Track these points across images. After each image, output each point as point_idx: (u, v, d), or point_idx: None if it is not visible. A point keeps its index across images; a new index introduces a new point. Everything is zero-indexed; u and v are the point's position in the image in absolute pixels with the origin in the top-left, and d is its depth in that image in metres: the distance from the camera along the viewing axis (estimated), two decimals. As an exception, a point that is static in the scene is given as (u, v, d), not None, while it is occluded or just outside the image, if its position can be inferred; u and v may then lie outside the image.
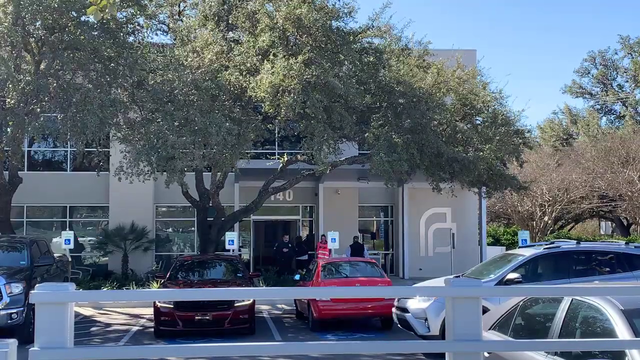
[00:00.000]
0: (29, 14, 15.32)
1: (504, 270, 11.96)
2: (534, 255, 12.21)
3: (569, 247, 12.57)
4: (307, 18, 16.89)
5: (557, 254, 12.33)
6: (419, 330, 11.86)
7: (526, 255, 12.23)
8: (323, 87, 16.41)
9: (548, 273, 12.09)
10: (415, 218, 26.32)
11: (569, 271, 11.95)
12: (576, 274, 11.76)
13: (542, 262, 12.33)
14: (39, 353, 3.58)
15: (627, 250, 12.43)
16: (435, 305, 11.61)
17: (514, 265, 11.94)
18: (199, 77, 16.65)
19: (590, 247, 12.92)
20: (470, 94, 19.77)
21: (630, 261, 12.03)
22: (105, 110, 15.44)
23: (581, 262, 12.23)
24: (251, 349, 4.00)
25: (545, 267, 12.29)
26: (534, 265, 12.19)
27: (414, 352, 10.84)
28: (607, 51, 57.02)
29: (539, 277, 12.02)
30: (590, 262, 12.20)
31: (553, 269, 12.16)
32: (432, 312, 11.64)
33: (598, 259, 12.26)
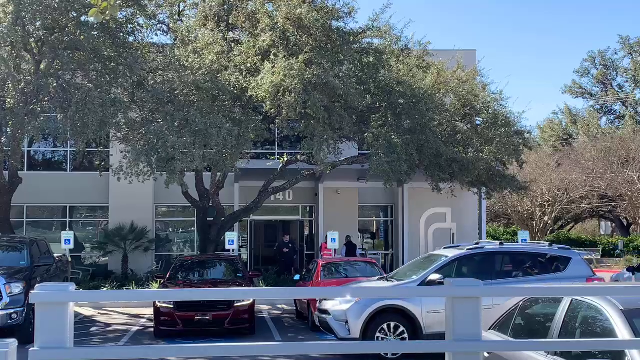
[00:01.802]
0: (29, 14, 15.32)
1: (426, 271, 11.88)
2: (456, 256, 12.10)
3: (492, 248, 12.45)
4: (308, 18, 16.89)
5: (481, 255, 12.23)
6: (339, 333, 11.68)
7: (449, 256, 12.14)
8: (323, 87, 16.41)
9: (471, 274, 11.97)
10: (415, 218, 26.32)
11: (492, 272, 11.86)
12: (499, 275, 11.68)
13: (466, 263, 12.19)
14: (39, 353, 3.58)
15: (550, 251, 12.33)
16: (356, 307, 11.47)
17: (436, 267, 11.85)
18: (200, 78, 16.65)
19: (513, 248, 12.87)
20: (470, 95, 19.77)
21: (553, 262, 12.01)
22: (106, 110, 15.44)
23: (504, 263, 12.12)
24: (251, 349, 4.00)
25: (468, 268, 12.18)
26: (456, 266, 12.05)
27: (413, 352, 10.83)
28: (607, 51, 57.09)
29: (463, 277, 11.88)
30: (513, 263, 12.09)
31: (476, 270, 12.04)
32: (353, 315, 11.49)
33: (521, 260, 12.17)
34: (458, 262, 12.10)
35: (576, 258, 12.12)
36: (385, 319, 11.40)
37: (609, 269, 32.75)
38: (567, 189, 41.08)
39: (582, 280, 11.43)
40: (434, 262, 12.25)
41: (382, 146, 17.40)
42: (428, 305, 11.29)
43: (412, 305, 11.32)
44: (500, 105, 20.48)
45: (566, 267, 11.85)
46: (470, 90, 19.90)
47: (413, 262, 13.97)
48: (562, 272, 11.76)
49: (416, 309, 11.33)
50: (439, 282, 11.33)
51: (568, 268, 11.84)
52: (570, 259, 12.06)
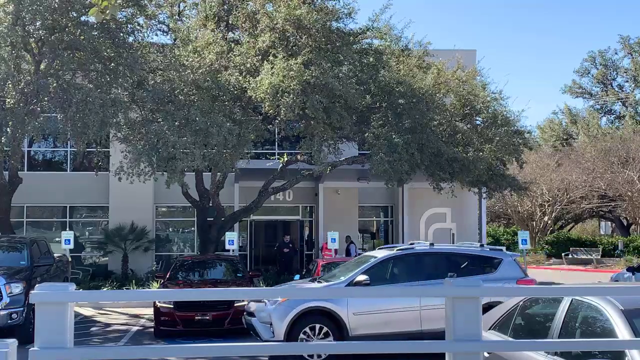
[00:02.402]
0: (29, 14, 15.32)
1: (354, 272, 11.76)
2: (385, 257, 12.01)
3: (422, 249, 12.37)
4: (307, 19, 16.90)
5: (410, 256, 12.14)
6: (263, 335, 11.48)
7: (378, 257, 12.06)
8: (322, 88, 16.41)
9: (401, 275, 11.91)
10: (415, 218, 26.31)
11: (421, 273, 11.75)
12: (429, 276, 11.54)
13: (395, 264, 12.10)
14: (39, 353, 3.58)
15: (481, 252, 12.25)
16: (280, 309, 11.28)
17: (364, 268, 11.73)
18: (200, 77, 16.65)
19: (444, 249, 12.77)
20: (470, 95, 19.78)
21: (484, 263, 11.92)
22: (106, 110, 15.44)
23: (434, 264, 12.01)
24: (251, 349, 4.00)
25: (398, 269, 12.08)
26: (386, 267, 11.94)
27: (413, 352, 10.83)
28: (607, 51, 57.09)
29: (392, 279, 11.82)
30: (443, 264, 11.97)
31: (406, 270, 11.97)
32: (277, 316, 11.28)
33: (452, 261, 12.09)
34: (387, 263, 11.97)
35: (507, 259, 12.02)
36: (310, 320, 11.20)
37: (609, 269, 32.76)
38: (567, 189, 41.08)
39: (512, 281, 11.36)
40: (363, 263, 12.14)
41: (383, 146, 17.40)
42: (354, 307, 11.16)
43: (338, 307, 11.16)
44: (500, 104, 20.50)
45: (497, 268, 11.75)
46: (470, 90, 19.91)
47: (347, 263, 13.79)
48: (492, 273, 11.66)
49: (342, 311, 11.17)
50: (365, 283, 11.22)
51: (499, 269, 11.74)
52: (502, 260, 11.95)
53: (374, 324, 11.16)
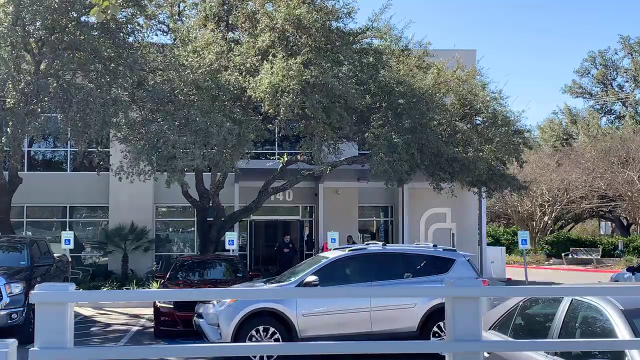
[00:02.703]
0: (29, 14, 15.32)
1: (304, 273, 11.70)
2: (337, 257, 11.94)
3: (374, 250, 12.27)
4: (307, 18, 16.90)
5: (362, 257, 12.06)
6: (211, 337, 11.35)
7: (329, 258, 12.01)
8: (322, 88, 16.42)
9: (353, 275, 11.84)
10: (415, 218, 26.31)
11: (374, 273, 11.67)
12: (381, 276, 11.52)
13: (347, 264, 12.03)
14: (39, 353, 3.58)
15: (434, 253, 12.18)
16: (228, 310, 11.14)
17: (315, 268, 11.68)
18: (200, 77, 16.66)
19: (396, 250, 12.72)
20: (469, 94, 19.78)
21: (436, 264, 11.87)
22: (107, 109, 15.45)
23: (387, 265, 11.92)
24: (251, 349, 4.00)
25: (350, 270, 12.01)
26: (337, 268, 11.85)
27: (412, 352, 10.83)
28: (607, 51, 57.10)
29: (343, 279, 11.74)
30: (396, 265, 11.92)
31: (358, 271, 11.91)
32: (224, 318, 11.15)
33: (404, 261, 12.03)
34: (338, 264, 11.88)
35: (460, 260, 11.96)
36: (259, 322, 11.10)
37: (609, 269, 32.77)
38: (567, 189, 41.09)
39: None
40: (315, 264, 12.08)
41: (383, 146, 17.40)
42: (304, 308, 11.08)
43: (287, 308, 11.07)
44: (500, 104, 20.51)
45: (449, 269, 11.71)
46: (470, 90, 19.91)
47: (302, 264, 13.71)
48: (445, 273, 11.61)
49: (291, 312, 11.08)
50: (314, 284, 11.13)
51: (451, 269, 11.70)
52: (454, 260, 11.91)
53: (324, 325, 11.08)
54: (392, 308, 11.27)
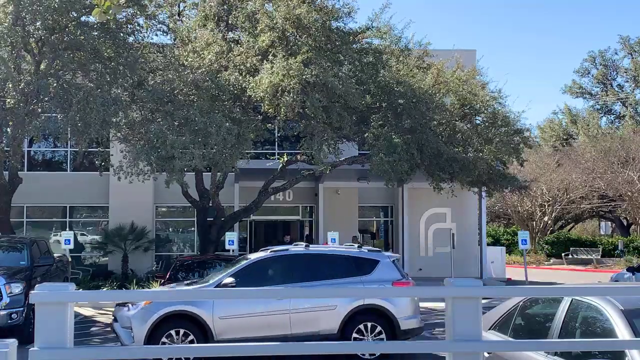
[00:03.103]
0: (29, 14, 15.32)
1: (224, 274, 11.62)
2: (257, 259, 11.89)
3: (296, 251, 12.16)
4: (307, 18, 16.90)
5: (284, 258, 11.96)
6: (124, 340, 11.18)
7: (250, 259, 11.96)
8: (322, 87, 16.42)
9: (275, 277, 11.75)
10: (415, 218, 26.32)
11: (296, 275, 11.54)
12: (303, 277, 11.38)
13: (269, 266, 11.92)
14: (39, 353, 3.58)
15: (359, 254, 12.07)
16: (141, 313, 10.97)
17: (234, 270, 11.59)
18: (199, 77, 16.66)
19: (319, 251, 12.58)
20: (469, 94, 19.79)
21: (360, 265, 11.77)
22: (107, 109, 15.45)
23: (309, 266, 11.79)
24: (251, 349, 4.00)
25: (272, 271, 11.91)
26: (258, 269, 11.76)
27: (413, 352, 10.83)
28: (607, 51, 57.09)
29: (264, 281, 11.60)
30: (319, 266, 11.81)
31: (280, 272, 11.82)
32: (137, 321, 10.96)
33: (327, 262, 11.93)
34: (259, 265, 11.79)
35: (385, 261, 11.85)
36: (173, 325, 10.91)
37: (609, 269, 32.78)
38: (567, 189, 41.10)
39: (387, 283, 11.28)
40: (235, 264, 12.02)
41: (383, 146, 17.41)
42: (220, 311, 10.93)
43: (202, 311, 10.89)
44: (499, 103, 20.51)
45: (373, 270, 11.61)
46: (470, 90, 19.92)
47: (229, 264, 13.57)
48: (368, 274, 11.53)
49: (207, 315, 10.92)
50: (231, 286, 11.01)
51: (375, 271, 11.60)
52: (378, 261, 11.80)
53: (242, 328, 10.94)
54: (312, 310, 11.15)
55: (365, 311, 11.24)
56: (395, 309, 11.22)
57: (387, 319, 11.21)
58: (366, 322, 11.21)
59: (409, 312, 11.41)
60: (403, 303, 11.30)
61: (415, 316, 11.53)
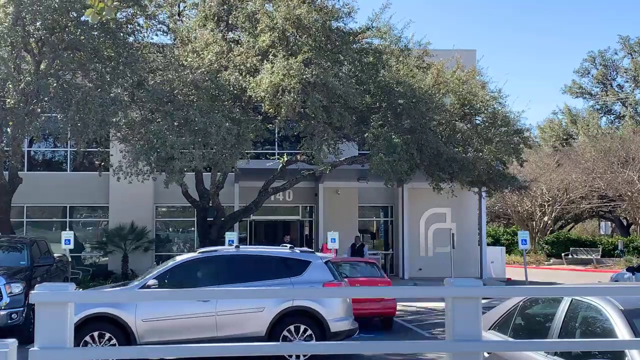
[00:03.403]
0: (29, 14, 15.32)
1: (150, 275, 11.49)
2: (184, 260, 11.75)
3: (225, 252, 12.09)
4: (307, 18, 16.90)
5: (213, 259, 11.82)
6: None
7: (177, 260, 11.83)
8: (322, 87, 16.42)
9: (203, 278, 11.56)
10: (415, 218, 26.32)
11: (225, 276, 11.39)
12: (233, 279, 11.23)
13: (196, 267, 11.74)
14: (39, 353, 3.58)
15: (290, 255, 11.89)
16: None
17: (160, 271, 11.48)
18: (199, 78, 16.66)
19: (249, 252, 12.34)
20: (469, 94, 19.79)
21: (290, 266, 11.62)
22: (106, 109, 15.45)
23: (239, 267, 11.63)
24: (251, 349, 4.00)
25: (201, 272, 11.73)
26: (185, 271, 11.58)
27: (413, 352, 10.83)
28: (607, 51, 57.09)
29: (191, 282, 11.37)
30: (248, 267, 11.64)
31: (208, 274, 11.65)
32: None
33: (257, 264, 11.75)
34: (186, 266, 11.61)
35: (316, 262, 11.69)
36: (95, 327, 10.74)
37: (609, 269, 32.78)
38: (567, 189, 41.11)
39: (319, 284, 11.09)
40: (163, 265, 11.90)
41: (383, 146, 17.41)
42: (143, 313, 10.76)
43: (124, 313, 10.72)
44: (499, 103, 20.51)
45: (304, 271, 11.46)
46: (470, 90, 19.92)
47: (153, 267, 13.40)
48: (298, 276, 11.37)
49: (129, 317, 10.74)
50: (154, 287, 10.90)
51: (306, 272, 11.44)
52: (310, 262, 11.65)
53: (166, 330, 10.78)
54: (239, 312, 10.97)
55: (294, 313, 11.04)
56: (325, 310, 11.02)
57: (317, 320, 10.98)
58: (295, 324, 11.00)
59: (339, 314, 11.22)
60: (333, 305, 11.14)
61: (347, 318, 11.33)
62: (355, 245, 23.23)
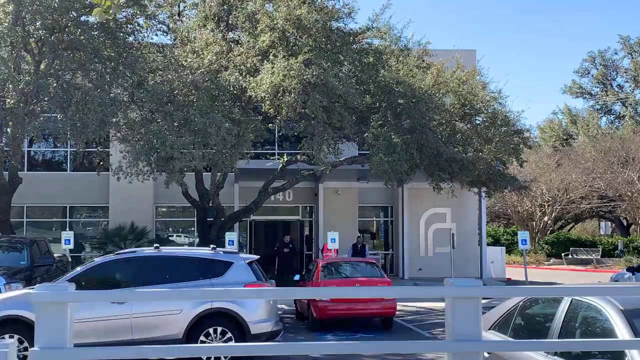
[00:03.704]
0: (29, 14, 15.33)
1: (65, 277, 11.26)
2: (101, 261, 11.57)
3: (144, 253, 11.89)
4: (307, 19, 16.91)
5: (131, 260, 11.64)
6: None
7: (96, 261, 11.66)
8: (322, 87, 16.43)
9: (122, 279, 11.43)
10: (415, 218, 26.32)
11: (144, 277, 11.24)
12: (149, 281, 11.05)
13: (114, 269, 11.58)
14: (39, 353, 3.58)
15: (211, 256, 11.69)
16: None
17: (76, 272, 11.26)
18: (199, 78, 16.67)
19: (168, 253, 12.09)
20: (469, 94, 19.79)
21: (211, 267, 11.44)
22: (105, 109, 15.46)
23: (158, 269, 11.44)
24: (251, 349, 4.00)
25: (119, 274, 11.58)
26: (102, 272, 11.41)
27: (413, 352, 10.83)
28: (607, 51, 57.08)
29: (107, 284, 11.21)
30: (169, 269, 11.43)
31: (126, 275, 11.52)
32: None
33: (178, 265, 11.58)
34: (103, 268, 11.42)
35: (239, 263, 11.53)
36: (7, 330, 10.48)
37: (609, 269, 32.78)
38: (567, 189, 41.10)
39: (240, 285, 10.83)
40: (82, 266, 11.75)
41: (383, 146, 17.41)
42: None
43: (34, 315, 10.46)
44: (499, 104, 20.52)
45: (225, 272, 11.28)
46: (470, 90, 19.92)
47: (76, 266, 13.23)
48: (220, 277, 11.19)
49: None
50: None
51: (227, 273, 11.26)
52: (232, 263, 11.47)
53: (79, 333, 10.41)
54: (155, 315, 10.78)
55: (213, 315, 10.87)
56: (245, 312, 10.82)
57: (237, 322, 10.78)
58: (214, 327, 10.78)
59: (261, 316, 11.03)
60: (254, 306, 10.96)
61: (269, 320, 11.15)
62: (357, 246, 23.24)
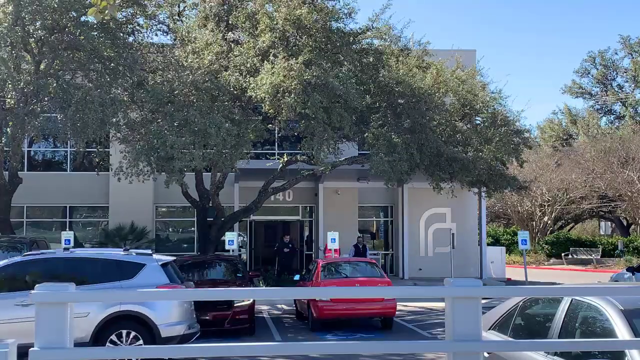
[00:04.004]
0: (29, 14, 15.33)
1: None
2: (8, 262, 11.28)
3: (55, 255, 11.66)
4: (307, 19, 16.91)
5: (39, 262, 11.33)
6: None
7: (2, 263, 11.35)
8: (323, 88, 16.42)
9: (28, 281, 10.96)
10: (415, 218, 26.32)
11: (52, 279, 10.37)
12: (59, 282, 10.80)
13: (17, 271, 11.26)
14: (39, 353, 3.58)
15: (123, 257, 11.42)
16: None
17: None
18: (199, 78, 16.67)
19: (78, 255, 11.84)
20: (469, 94, 19.79)
21: (123, 269, 11.23)
22: (105, 109, 15.46)
23: (70, 271, 11.15)
24: (251, 349, 4.00)
25: (30, 275, 11.14)
26: (9, 273, 11.11)
27: (413, 352, 10.83)
28: (607, 51, 57.04)
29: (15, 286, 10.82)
30: (80, 271, 11.17)
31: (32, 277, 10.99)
32: None
33: (89, 266, 11.32)
34: (10, 269, 11.14)
35: (152, 264, 11.25)
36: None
37: (609, 269, 32.78)
38: (567, 189, 41.10)
39: (152, 287, 10.68)
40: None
41: (383, 146, 17.41)
42: None
43: None
44: (499, 104, 20.52)
45: (137, 274, 11.08)
46: (470, 90, 19.92)
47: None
48: (130, 279, 10.98)
49: None
50: None
51: (139, 275, 11.06)
52: (144, 265, 11.21)
53: None
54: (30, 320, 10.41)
55: (121, 318, 10.74)
56: (155, 315, 10.64)
57: (146, 326, 10.61)
58: (122, 330, 10.68)
59: (172, 319, 10.87)
60: (165, 309, 10.80)
61: (181, 322, 10.97)
62: (359, 246, 23.25)
